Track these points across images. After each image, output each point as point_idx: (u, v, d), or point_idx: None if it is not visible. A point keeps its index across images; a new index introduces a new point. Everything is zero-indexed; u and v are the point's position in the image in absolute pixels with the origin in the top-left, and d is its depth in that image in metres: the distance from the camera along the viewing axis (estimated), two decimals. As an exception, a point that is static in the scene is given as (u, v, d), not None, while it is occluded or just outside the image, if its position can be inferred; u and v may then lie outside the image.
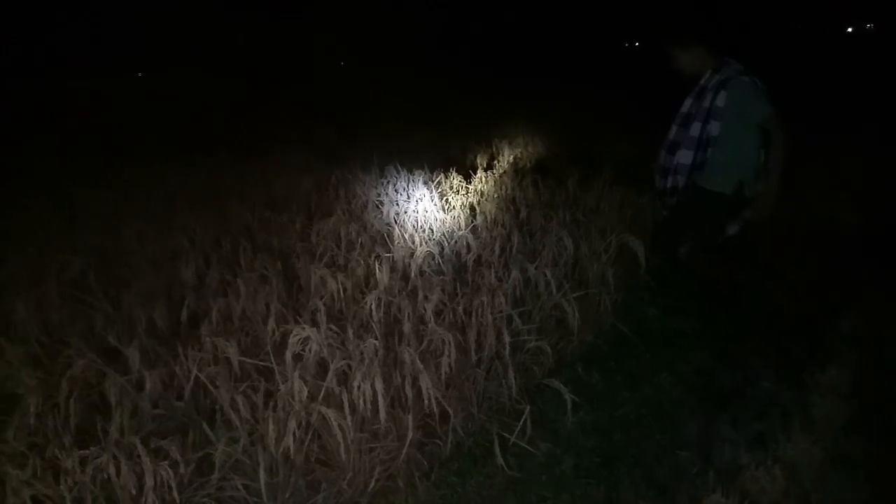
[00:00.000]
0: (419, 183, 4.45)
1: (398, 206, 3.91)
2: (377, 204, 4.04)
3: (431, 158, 5.44)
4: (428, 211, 3.73)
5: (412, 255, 2.92)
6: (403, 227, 3.46)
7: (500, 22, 29.81)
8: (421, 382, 1.98)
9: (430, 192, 4.14)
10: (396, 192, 4.27)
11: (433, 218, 3.64)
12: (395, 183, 4.46)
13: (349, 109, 9.91)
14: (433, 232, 3.43)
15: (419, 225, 3.54)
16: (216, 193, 4.47)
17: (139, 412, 1.97)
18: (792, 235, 3.79)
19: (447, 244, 3.17)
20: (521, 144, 6.52)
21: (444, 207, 3.92)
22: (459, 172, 4.80)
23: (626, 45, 29.60)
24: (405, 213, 3.76)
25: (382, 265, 2.66)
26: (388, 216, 3.75)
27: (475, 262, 2.97)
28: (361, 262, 2.79)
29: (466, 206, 3.93)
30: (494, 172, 5.15)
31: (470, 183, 4.58)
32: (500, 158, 6.04)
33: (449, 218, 3.64)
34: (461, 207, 3.86)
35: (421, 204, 3.84)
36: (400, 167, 4.79)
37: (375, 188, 4.37)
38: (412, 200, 3.96)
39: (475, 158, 6.12)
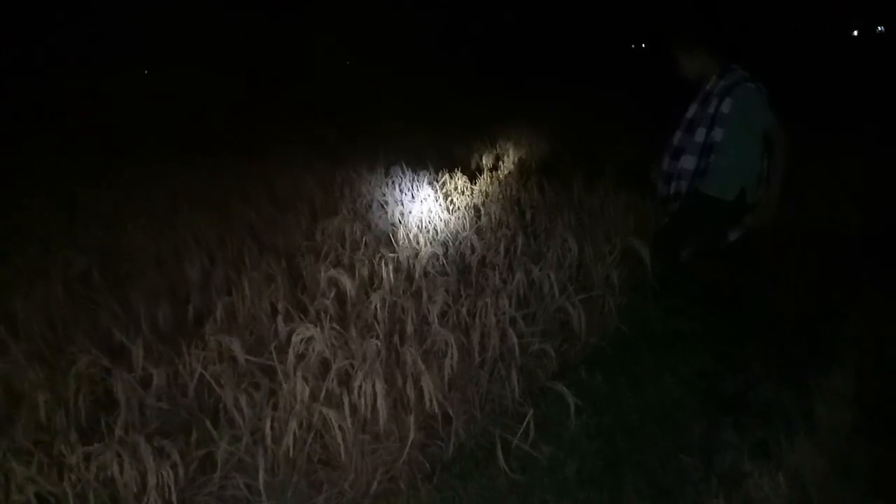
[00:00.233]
0: (424, 183, 4.46)
1: (403, 206, 3.92)
2: (382, 204, 4.05)
3: (436, 158, 5.45)
4: (432, 211, 3.73)
5: (416, 255, 2.93)
6: (408, 227, 3.46)
7: (505, 22, 29.79)
8: (423, 383, 1.98)
9: (434, 192, 4.14)
10: (401, 192, 4.27)
11: (437, 218, 3.64)
12: (399, 183, 4.46)
13: (352, 109, 9.93)
14: (437, 232, 3.43)
15: (424, 225, 3.54)
16: (218, 193, 4.49)
17: (144, 409, 1.97)
18: (793, 237, 3.77)
19: (451, 245, 3.17)
20: (525, 145, 6.52)
21: (448, 208, 3.93)
22: (464, 173, 4.80)
23: (632, 46, 29.55)
24: (410, 213, 3.76)
25: (387, 265, 2.66)
26: (392, 216, 3.75)
27: (479, 263, 2.97)
28: (366, 261, 2.79)
29: (471, 206, 3.92)
30: (499, 173, 5.15)
31: (474, 184, 4.58)
32: (504, 159, 6.04)
33: (453, 218, 3.64)
34: (465, 208, 3.86)
35: (425, 204, 3.84)
36: (405, 167, 4.79)
37: (380, 188, 4.38)
38: (417, 200, 3.96)
39: (480, 159, 6.13)
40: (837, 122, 6.62)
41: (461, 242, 3.14)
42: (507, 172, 5.31)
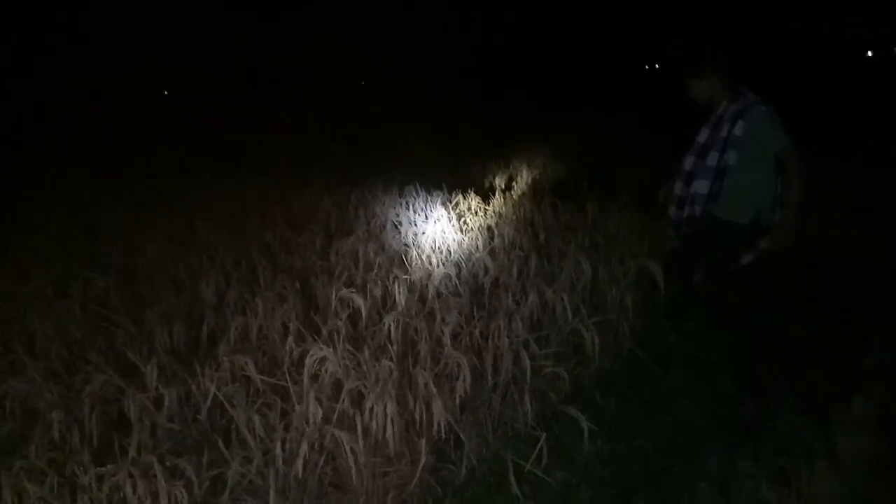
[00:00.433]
0: (437, 203, 4.48)
1: (416, 226, 3.93)
2: (396, 224, 4.07)
3: (449, 178, 5.48)
4: (446, 232, 3.74)
5: (429, 276, 2.93)
6: (421, 247, 3.47)
7: (521, 42, 30.03)
8: (435, 406, 1.97)
9: (447, 212, 4.16)
10: (415, 212, 4.30)
11: (451, 239, 3.65)
12: (413, 203, 4.49)
13: (369, 129, 10.04)
14: (450, 253, 3.44)
15: (437, 246, 3.55)
16: (236, 213, 4.54)
17: (156, 430, 1.98)
18: (809, 260, 3.72)
19: (464, 266, 3.17)
20: (539, 165, 6.54)
21: (461, 228, 3.93)
22: (477, 193, 4.81)
23: (646, 67, 29.61)
24: (423, 233, 3.77)
25: (400, 286, 2.66)
26: (406, 237, 3.77)
27: (492, 284, 2.96)
28: (379, 282, 2.80)
29: (484, 227, 3.93)
30: (512, 194, 5.16)
31: (488, 204, 4.59)
32: (518, 179, 6.05)
33: (466, 239, 3.64)
34: (479, 229, 3.87)
35: (439, 225, 3.85)
36: (419, 188, 4.82)
37: (394, 208, 4.41)
38: (430, 221, 3.98)
39: (493, 179, 6.15)
40: (851, 144, 6.57)
41: (474, 263, 3.14)
42: (520, 193, 5.32)
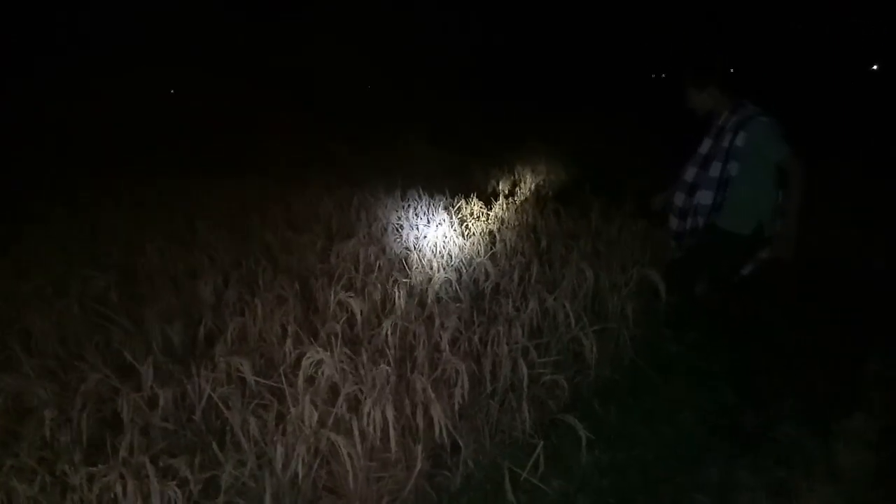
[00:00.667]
0: (440, 208, 4.46)
1: (418, 230, 3.92)
2: (397, 227, 4.06)
3: (452, 182, 5.46)
4: (447, 236, 3.72)
5: (430, 280, 2.91)
6: (422, 251, 3.45)
7: (527, 47, 30.11)
8: (432, 412, 1.95)
9: (450, 217, 4.14)
10: (417, 216, 4.28)
11: (452, 243, 3.63)
12: (415, 207, 4.47)
13: (372, 131, 10.05)
14: (452, 258, 3.42)
15: (438, 250, 3.53)
16: (237, 213, 4.53)
17: (150, 430, 1.96)
18: (810, 270, 3.70)
19: (465, 271, 3.15)
20: (543, 171, 6.53)
21: (463, 233, 3.92)
22: (480, 198, 4.81)
23: (652, 75, 29.63)
24: (424, 237, 3.76)
25: (400, 290, 2.65)
26: (407, 240, 3.75)
27: (493, 290, 2.94)
28: (379, 286, 2.78)
29: (486, 232, 3.91)
30: (516, 200, 5.14)
31: (490, 209, 4.57)
32: (521, 185, 6.04)
33: (468, 244, 3.62)
34: (481, 234, 3.85)
35: (440, 229, 3.83)
36: (422, 191, 4.81)
37: (396, 211, 4.39)
38: (432, 225, 3.96)
39: (496, 184, 6.13)
40: (853, 154, 6.56)
41: (475, 269, 3.12)
42: (523, 198, 5.31)
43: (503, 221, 4.21)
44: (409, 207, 4.47)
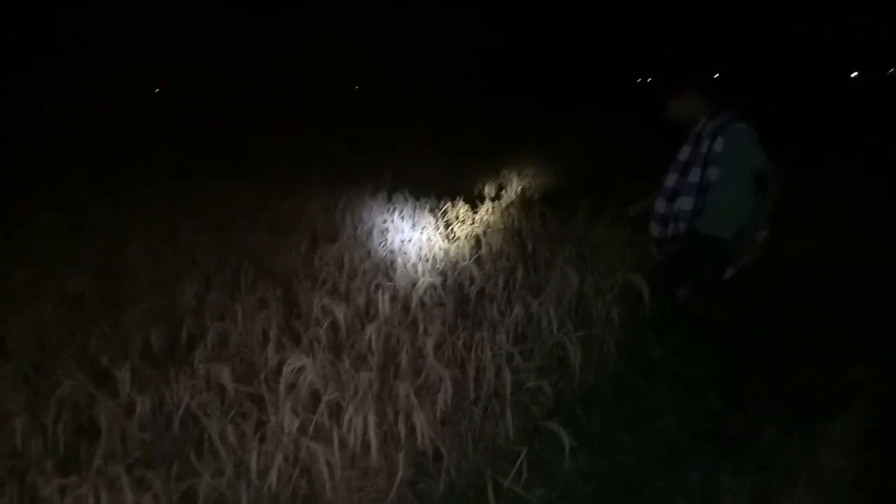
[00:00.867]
0: (425, 210, 4.44)
1: (403, 233, 3.90)
2: (382, 230, 4.03)
3: (439, 184, 5.45)
4: (432, 240, 3.71)
5: (414, 284, 2.89)
6: (407, 255, 3.43)
7: (515, 51, 30.23)
8: (415, 419, 1.93)
9: (435, 220, 4.12)
10: (402, 218, 4.26)
11: (437, 247, 3.61)
12: (401, 210, 4.45)
13: (360, 131, 10.02)
14: (436, 261, 3.40)
15: (423, 254, 3.51)
16: (223, 213, 4.48)
17: (126, 439, 1.92)
18: (792, 273, 3.73)
19: (450, 275, 3.13)
20: (529, 175, 6.52)
21: (448, 237, 3.90)
22: (466, 201, 4.79)
23: (638, 80, 29.84)
24: (410, 241, 3.73)
25: (384, 294, 2.62)
26: (392, 243, 3.73)
27: (478, 294, 2.93)
28: (363, 290, 2.76)
29: (471, 236, 3.90)
30: (501, 203, 5.13)
31: (476, 212, 4.56)
32: (507, 188, 6.04)
33: (453, 248, 3.61)
34: (466, 237, 3.84)
35: (426, 232, 3.82)
36: (408, 194, 4.79)
37: (382, 214, 4.37)
38: (417, 228, 3.94)
39: (482, 187, 6.12)
40: (829, 157, 6.63)
41: (460, 273, 3.10)
42: (509, 202, 5.30)
43: (489, 225, 4.20)
44: (395, 210, 4.45)
